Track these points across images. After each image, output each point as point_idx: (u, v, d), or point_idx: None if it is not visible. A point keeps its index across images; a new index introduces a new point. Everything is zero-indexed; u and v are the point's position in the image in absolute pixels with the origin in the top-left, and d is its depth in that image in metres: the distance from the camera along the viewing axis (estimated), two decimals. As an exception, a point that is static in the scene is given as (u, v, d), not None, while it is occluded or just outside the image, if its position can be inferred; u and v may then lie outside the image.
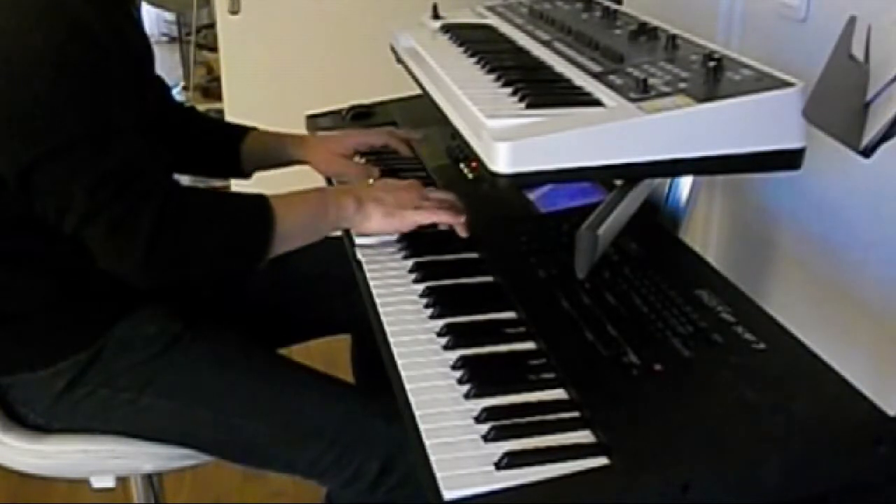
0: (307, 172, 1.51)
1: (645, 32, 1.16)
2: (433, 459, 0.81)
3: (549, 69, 1.12)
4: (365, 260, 1.19)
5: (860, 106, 0.80)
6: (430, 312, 1.06)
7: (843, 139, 0.81)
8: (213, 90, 3.63)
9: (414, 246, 1.21)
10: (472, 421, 0.86)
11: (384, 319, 1.05)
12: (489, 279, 1.14)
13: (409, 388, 0.92)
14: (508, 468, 0.79)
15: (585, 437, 0.83)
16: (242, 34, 2.89)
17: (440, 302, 1.07)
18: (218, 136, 1.53)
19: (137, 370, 1.20)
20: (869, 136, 0.77)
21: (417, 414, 0.88)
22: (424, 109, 1.28)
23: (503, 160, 0.86)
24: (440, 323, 1.03)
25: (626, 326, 0.97)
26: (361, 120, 1.75)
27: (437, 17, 1.44)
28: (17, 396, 1.23)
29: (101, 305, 1.21)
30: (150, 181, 1.09)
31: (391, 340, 1.01)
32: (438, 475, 0.79)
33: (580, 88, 1.02)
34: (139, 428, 1.23)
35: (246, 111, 2.77)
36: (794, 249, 1.42)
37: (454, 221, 1.19)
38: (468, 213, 1.21)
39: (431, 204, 1.20)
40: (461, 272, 1.15)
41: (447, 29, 1.36)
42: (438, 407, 0.88)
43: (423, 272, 1.15)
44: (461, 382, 0.92)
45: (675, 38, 1.10)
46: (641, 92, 0.93)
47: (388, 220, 1.18)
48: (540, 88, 1.01)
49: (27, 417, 1.24)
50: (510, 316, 1.05)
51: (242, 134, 1.51)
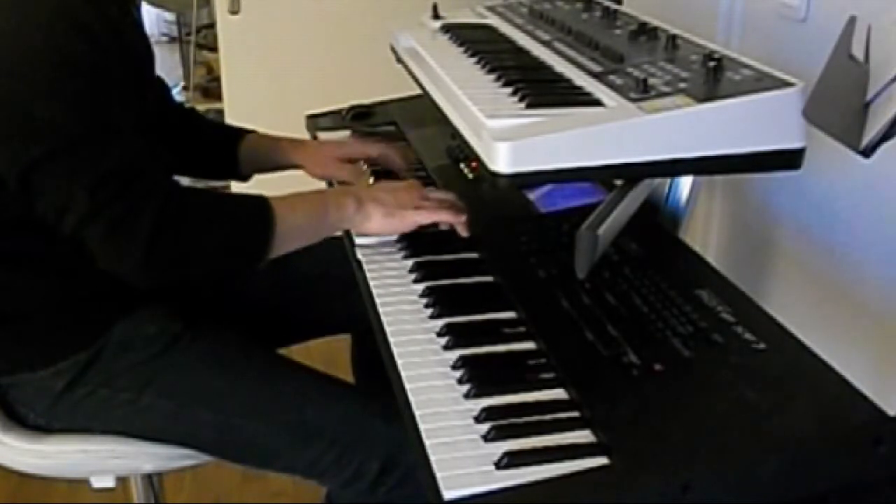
0: (307, 175, 1.51)
1: (645, 32, 1.16)
2: (433, 459, 0.81)
3: (549, 69, 1.12)
4: (365, 260, 1.19)
5: (860, 106, 0.80)
6: (429, 312, 1.06)
7: (843, 139, 0.81)
8: (213, 90, 3.63)
9: (414, 246, 1.21)
10: (471, 421, 0.86)
11: (384, 319, 1.05)
12: (489, 279, 1.14)
13: (408, 388, 0.92)
14: (508, 468, 0.79)
15: (585, 436, 0.83)
16: (242, 34, 2.89)
17: (440, 302, 1.07)
18: (216, 137, 1.53)
19: (137, 370, 1.20)
20: (869, 136, 0.77)
21: (417, 414, 0.88)
22: (424, 109, 1.28)
23: (503, 160, 0.86)
24: (440, 323, 1.03)
25: (626, 326, 0.97)
26: (361, 120, 1.75)
27: (437, 17, 1.44)
28: (17, 396, 1.23)
29: (101, 305, 1.21)
30: (150, 181, 1.09)
31: (391, 340, 1.01)
32: (438, 475, 0.79)
33: (580, 88, 1.02)
34: (139, 428, 1.23)
35: (246, 111, 2.79)
36: (794, 249, 1.42)
37: (455, 221, 1.19)
38: (468, 212, 1.21)
39: (432, 204, 1.20)
40: (461, 272, 1.15)
41: (447, 29, 1.36)
42: (438, 407, 0.88)
43: (422, 272, 1.15)
44: (461, 382, 0.92)
45: (675, 38, 1.10)
46: (641, 92, 0.93)
47: (388, 220, 1.18)
48: (540, 88, 1.01)
49: (27, 417, 1.24)
50: (510, 316, 1.05)
51: (240, 136, 1.51)
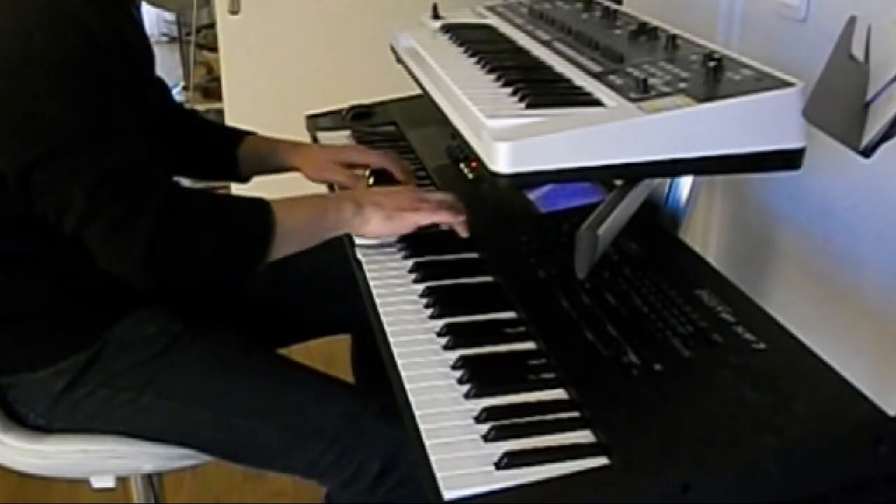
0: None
1: (645, 32, 1.16)
2: (433, 459, 0.81)
3: (549, 69, 1.12)
4: (365, 260, 1.19)
5: (860, 106, 0.80)
6: (430, 312, 1.06)
7: (843, 139, 0.81)
8: (213, 90, 3.63)
9: (414, 246, 1.21)
10: (472, 421, 0.86)
11: (384, 319, 1.05)
12: (489, 279, 1.14)
13: (409, 388, 0.92)
14: (508, 468, 0.79)
15: (585, 437, 0.83)
16: (242, 34, 2.89)
17: (440, 302, 1.07)
18: (216, 139, 1.53)
19: (137, 370, 1.20)
20: (869, 136, 0.77)
21: (417, 414, 0.88)
22: (424, 109, 1.28)
23: (503, 160, 0.86)
24: (440, 323, 1.03)
25: (626, 326, 0.97)
26: (361, 120, 1.75)
27: (437, 17, 1.44)
28: (17, 396, 1.23)
29: (101, 305, 1.21)
30: (150, 181, 1.09)
31: (391, 340, 1.01)
32: (438, 475, 0.79)
33: (580, 88, 1.02)
34: (139, 428, 1.23)
35: (246, 111, 2.79)
36: (794, 249, 1.42)
37: (454, 221, 1.19)
38: (468, 213, 1.21)
39: (430, 205, 1.20)
40: (461, 272, 1.15)
41: (447, 29, 1.36)
42: (438, 407, 0.88)
43: (423, 272, 1.15)
44: (461, 382, 0.92)
45: (675, 38, 1.10)
46: (641, 92, 0.93)
47: (387, 222, 1.18)
48: (540, 88, 1.01)
49: (27, 417, 1.24)
50: (510, 316, 1.05)
51: (240, 138, 1.51)
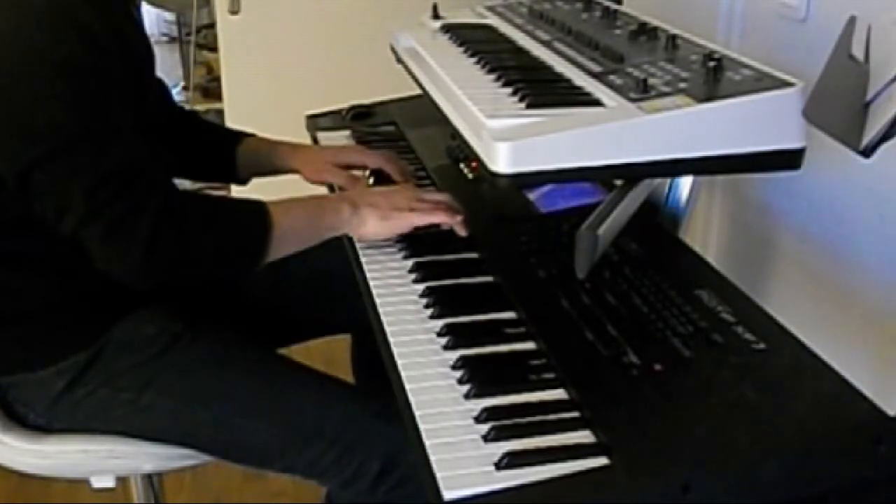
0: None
1: (645, 32, 1.16)
2: (433, 459, 0.81)
3: (549, 69, 1.12)
4: (365, 260, 1.19)
5: (860, 106, 0.80)
6: (430, 312, 1.06)
7: (843, 139, 0.81)
8: (213, 90, 3.63)
9: (414, 246, 1.21)
10: (472, 421, 0.86)
11: (384, 319, 1.05)
12: (489, 279, 1.14)
13: (409, 388, 0.92)
14: (508, 468, 0.79)
15: (585, 437, 0.83)
16: (242, 34, 2.89)
17: (440, 302, 1.07)
18: (214, 140, 1.53)
19: (137, 370, 1.20)
20: (869, 136, 0.77)
21: (417, 414, 0.88)
22: (424, 109, 1.27)
23: (503, 160, 0.86)
24: (440, 323, 1.03)
25: (626, 326, 0.97)
26: (361, 120, 1.75)
27: (437, 17, 1.43)
28: (17, 396, 1.23)
29: (101, 305, 1.21)
30: (149, 182, 1.09)
31: (391, 340, 1.01)
32: (438, 475, 0.79)
33: (580, 88, 1.02)
34: (139, 428, 1.23)
35: (246, 111, 2.79)
36: (794, 249, 1.42)
37: (451, 221, 1.19)
38: (466, 212, 1.21)
39: (427, 205, 1.20)
40: (461, 272, 1.15)
41: (447, 29, 1.36)
42: (438, 407, 0.88)
43: (423, 272, 1.15)
44: (461, 382, 0.92)
45: (675, 38, 1.10)
46: (641, 92, 0.93)
47: (384, 223, 1.18)
48: (540, 88, 1.01)
49: (27, 417, 1.24)
50: (510, 316, 1.05)
51: (239, 139, 1.50)
